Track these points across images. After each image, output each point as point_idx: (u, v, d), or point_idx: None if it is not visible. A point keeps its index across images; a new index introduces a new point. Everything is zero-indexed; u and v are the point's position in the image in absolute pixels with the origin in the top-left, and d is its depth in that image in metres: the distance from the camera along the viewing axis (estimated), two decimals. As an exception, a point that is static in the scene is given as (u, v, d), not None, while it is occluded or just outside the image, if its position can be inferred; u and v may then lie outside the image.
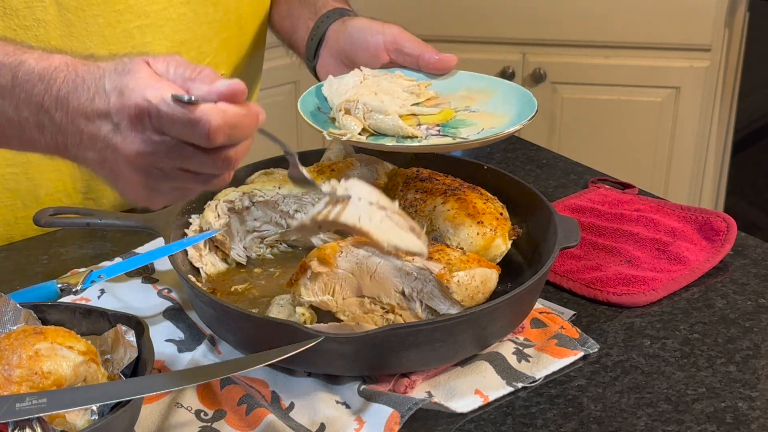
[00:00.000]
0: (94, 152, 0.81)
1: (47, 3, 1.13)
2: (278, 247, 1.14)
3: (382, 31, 1.18)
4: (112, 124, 0.79)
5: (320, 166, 1.14)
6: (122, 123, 0.78)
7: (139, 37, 1.20)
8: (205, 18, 1.26)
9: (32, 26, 1.12)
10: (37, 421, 0.77)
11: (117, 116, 0.78)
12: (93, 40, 1.17)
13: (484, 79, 1.17)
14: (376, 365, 0.92)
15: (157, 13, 1.21)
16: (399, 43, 1.17)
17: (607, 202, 1.28)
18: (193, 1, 1.24)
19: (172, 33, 1.22)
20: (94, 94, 0.79)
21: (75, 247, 1.21)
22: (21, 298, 0.92)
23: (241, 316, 0.94)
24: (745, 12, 2.46)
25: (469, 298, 0.95)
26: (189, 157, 0.78)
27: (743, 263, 1.17)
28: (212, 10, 1.26)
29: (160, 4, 1.21)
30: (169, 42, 1.22)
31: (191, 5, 1.24)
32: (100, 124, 0.79)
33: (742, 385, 0.96)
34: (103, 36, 1.17)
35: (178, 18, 1.23)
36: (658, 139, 2.59)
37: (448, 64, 1.17)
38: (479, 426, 0.90)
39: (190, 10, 1.24)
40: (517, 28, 2.54)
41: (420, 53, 1.17)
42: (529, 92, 1.13)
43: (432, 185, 1.09)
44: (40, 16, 1.13)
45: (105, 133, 0.79)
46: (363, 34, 1.20)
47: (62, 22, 1.14)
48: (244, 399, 0.90)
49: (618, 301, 1.08)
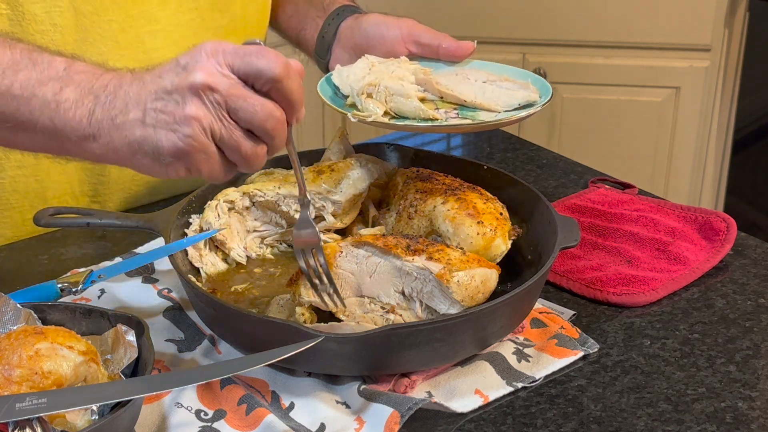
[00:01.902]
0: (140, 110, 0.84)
1: (65, 8, 1.14)
2: (278, 247, 1.14)
3: (398, 25, 1.22)
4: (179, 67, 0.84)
5: (320, 167, 1.14)
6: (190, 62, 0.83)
7: (150, 42, 1.22)
8: (212, 23, 1.29)
9: (49, 31, 1.15)
10: (37, 421, 0.77)
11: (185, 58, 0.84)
12: (106, 45, 1.19)
13: (496, 67, 1.20)
14: (376, 365, 0.92)
15: (167, 18, 1.23)
16: (416, 35, 1.22)
17: (607, 202, 1.28)
18: (202, 8, 1.27)
19: (180, 38, 1.25)
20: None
21: (75, 247, 1.21)
22: (21, 298, 0.92)
23: (241, 316, 0.94)
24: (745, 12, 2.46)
25: (469, 298, 0.95)
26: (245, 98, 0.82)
27: (743, 263, 1.17)
28: (219, 16, 1.29)
29: (170, 9, 1.23)
30: (178, 47, 1.23)
31: (199, 11, 1.27)
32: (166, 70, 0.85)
33: (742, 385, 0.96)
34: (116, 41, 1.20)
35: (186, 23, 1.25)
36: (658, 139, 2.59)
37: (466, 50, 1.20)
38: (479, 426, 0.90)
39: (197, 16, 1.27)
40: (517, 28, 2.55)
41: (439, 43, 1.21)
42: (542, 78, 1.14)
43: (432, 185, 1.09)
44: (58, 21, 1.15)
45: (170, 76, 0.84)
46: (379, 30, 1.23)
47: (78, 27, 1.16)
48: (244, 399, 0.91)
49: (618, 301, 1.08)
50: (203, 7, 1.27)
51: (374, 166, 1.15)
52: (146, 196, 1.34)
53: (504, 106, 1.10)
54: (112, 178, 1.29)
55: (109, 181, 1.29)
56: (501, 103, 1.10)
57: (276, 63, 0.83)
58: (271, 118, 0.83)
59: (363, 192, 1.12)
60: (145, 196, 1.33)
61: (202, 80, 0.82)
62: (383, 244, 0.97)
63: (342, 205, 1.10)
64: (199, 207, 1.11)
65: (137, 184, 1.32)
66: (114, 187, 1.30)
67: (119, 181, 1.30)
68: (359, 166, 1.13)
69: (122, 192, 1.31)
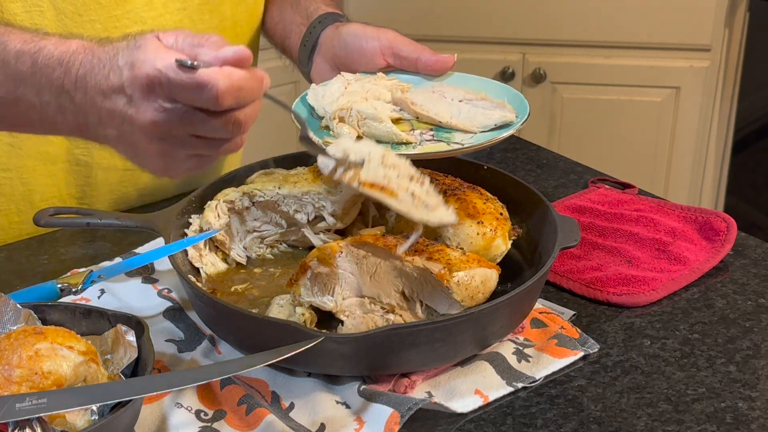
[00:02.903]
0: (113, 128, 0.85)
1: (45, 8, 1.13)
2: (278, 247, 1.14)
3: (377, 36, 1.18)
4: (126, 97, 0.83)
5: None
6: (135, 94, 0.82)
7: None
8: (202, 25, 1.26)
9: None
10: (37, 421, 0.77)
11: (130, 88, 0.82)
12: None
13: (475, 81, 1.18)
14: (376, 365, 0.92)
15: (153, 19, 1.21)
16: (396, 47, 1.18)
17: (607, 202, 1.28)
18: (189, 8, 1.24)
19: None
20: (109, 71, 0.83)
21: (75, 247, 1.21)
22: (21, 298, 0.92)
23: (241, 316, 0.94)
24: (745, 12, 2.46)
25: (469, 298, 0.95)
26: (200, 121, 0.82)
27: (743, 263, 1.17)
28: (208, 17, 1.27)
29: (157, 10, 1.21)
30: None
31: (187, 12, 1.24)
32: (116, 98, 0.84)
33: (742, 385, 0.96)
34: None
35: (174, 25, 1.23)
36: (658, 139, 2.59)
37: (445, 64, 1.17)
38: (479, 426, 0.90)
39: (186, 17, 1.24)
40: (517, 28, 2.54)
41: (417, 56, 1.17)
42: (520, 94, 1.12)
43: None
44: (38, 21, 1.13)
45: (120, 106, 0.84)
46: (358, 40, 1.20)
47: (60, 27, 1.14)
48: (244, 399, 0.91)
49: (618, 301, 1.08)
50: (191, 7, 1.24)
51: (374, 166, 1.15)
52: (135, 198, 1.33)
53: (480, 126, 1.08)
54: (99, 180, 1.28)
55: (96, 183, 1.28)
56: (477, 124, 1.08)
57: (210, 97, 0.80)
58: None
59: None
60: (133, 198, 1.32)
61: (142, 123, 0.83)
62: (383, 244, 0.97)
63: (342, 205, 1.10)
64: (199, 207, 1.11)
65: (125, 185, 1.31)
66: (101, 189, 1.29)
67: (106, 182, 1.29)
68: (359, 166, 1.13)
69: (110, 194, 1.30)
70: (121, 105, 0.83)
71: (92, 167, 1.27)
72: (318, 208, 1.10)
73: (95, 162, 1.27)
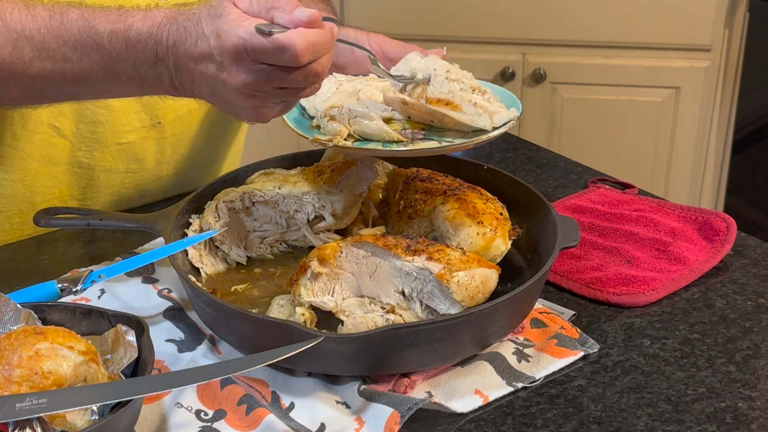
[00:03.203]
0: (207, 87, 0.94)
1: None
2: (278, 247, 1.14)
3: (367, 41, 1.20)
4: (216, 63, 0.92)
5: (320, 167, 1.14)
6: (225, 61, 0.91)
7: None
8: None
9: None
10: (37, 421, 0.77)
11: (219, 56, 0.91)
12: None
13: None
14: (376, 365, 0.92)
15: None
16: (384, 49, 1.19)
17: (607, 202, 1.28)
18: None
19: None
20: (197, 38, 0.92)
21: (75, 247, 1.21)
22: (21, 298, 0.92)
23: (241, 316, 0.94)
24: (745, 12, 2.46)
25: (469, 298, 0.95)
26: (284, 77, 0.91)
27: (743, 263, 1.17)
28: None
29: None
30: None
31: None
32: (207, 64, 0.92)
33: (742, 385, 0.96)
34: None
35: None
36: (658, 139, 2.59)
37: None
38: (479, 426, 0.90)
39: None
40: (517, 28, 2.54)
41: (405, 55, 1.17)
42: (512, 93, 1.12)
43: (432, 185, 1.09)
44: None
45: (213, 71, 0.92)
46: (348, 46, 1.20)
47: None
48: (244, 399, 0.91)
49: (618, 301, 1.08)
50: None
51: (374, 165, 1.15)
52: (136, 199, 1.33)
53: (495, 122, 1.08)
54: (100, 182, 1.28)
55: (97, 185, 1.29)
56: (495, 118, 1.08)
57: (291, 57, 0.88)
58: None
59: (363, 192, 1.12)
60: (134, 199, 1.33)
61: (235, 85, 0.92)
62: (383, 244, 0.97)
63: (342, 205, 1.10)
64: (199, 207, 1.11)
65: (126, 187, 1.31)
66: (102, 191, 1.29)
67: (108, 184, 1.29)
68: (359, 166, 1.13)
69: (111, 195, 1.30)
70: (213, 70, 0.92)
71: (94, 169, 1.27)
72: (318, 208, 1.10)
73: (97, 164, 1.27)
